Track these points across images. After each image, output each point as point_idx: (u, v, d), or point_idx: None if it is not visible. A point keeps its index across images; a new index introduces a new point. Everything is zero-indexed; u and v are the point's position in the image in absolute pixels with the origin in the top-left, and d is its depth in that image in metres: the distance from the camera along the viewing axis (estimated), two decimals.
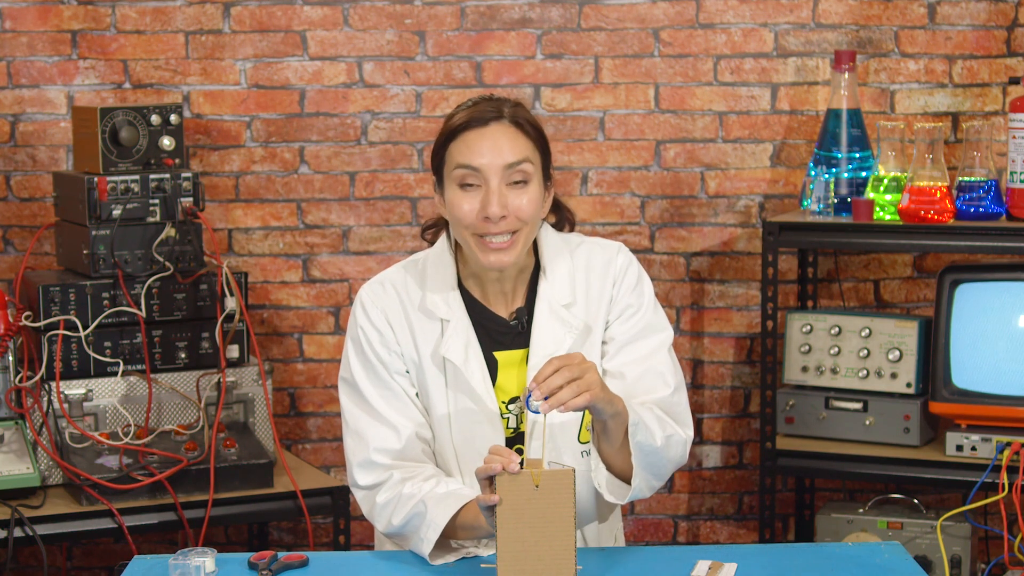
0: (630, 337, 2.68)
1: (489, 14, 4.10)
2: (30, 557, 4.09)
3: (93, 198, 3.62)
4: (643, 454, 2.53)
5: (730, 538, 4.28)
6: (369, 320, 2.66)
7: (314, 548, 3.92)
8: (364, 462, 2.63)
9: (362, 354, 2.66)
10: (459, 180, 2.57)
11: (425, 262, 2.70)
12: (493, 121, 2.57)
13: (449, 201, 2.59)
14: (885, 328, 3.84)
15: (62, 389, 3.57)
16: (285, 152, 4.14)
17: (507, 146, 2.56)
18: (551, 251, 2.69)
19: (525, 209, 2.56)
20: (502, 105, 2.60)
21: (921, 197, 3.70)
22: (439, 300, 2.65)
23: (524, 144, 2.58)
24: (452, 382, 2.65)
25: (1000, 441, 3.66)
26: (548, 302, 2.66)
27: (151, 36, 4.08)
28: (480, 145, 2.55)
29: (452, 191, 2.58)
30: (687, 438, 2.65)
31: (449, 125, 2.60)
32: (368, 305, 2.67)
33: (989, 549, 3.99)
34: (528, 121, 2.60)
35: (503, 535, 2.32)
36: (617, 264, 2.70)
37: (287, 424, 4.21)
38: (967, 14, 4.08)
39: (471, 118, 2.57)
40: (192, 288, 3.68)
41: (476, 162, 2.55)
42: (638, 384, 2.65)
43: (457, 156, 2.57)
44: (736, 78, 4.12)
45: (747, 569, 2.47)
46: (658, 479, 2.61)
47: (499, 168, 2.55)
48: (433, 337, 2.65)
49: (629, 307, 2.69)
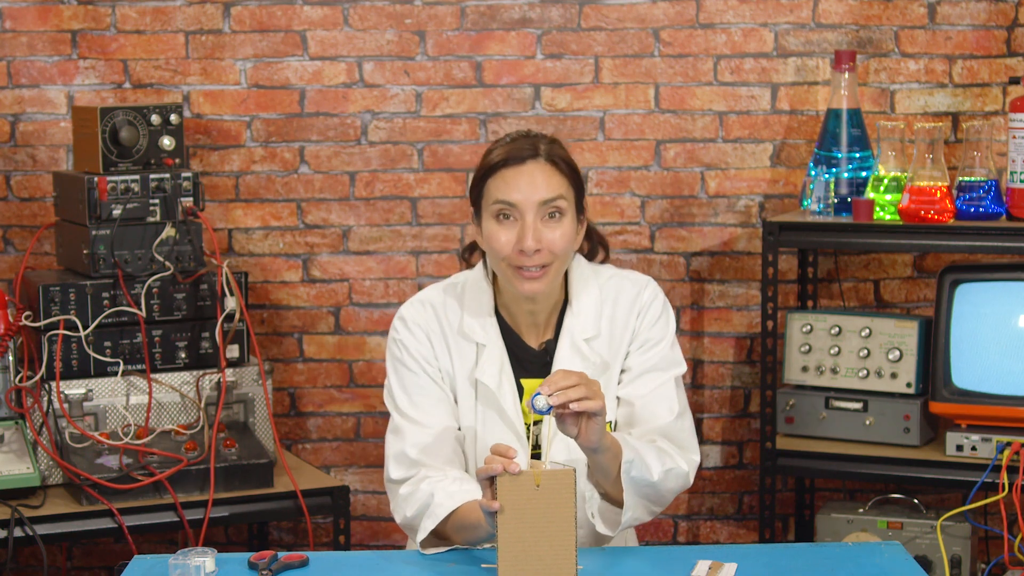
0: (645, 368, 2.79)
1: (489, 14, 4.10)
2: (30, 557, 4.09)
3: (93, 198, 3.62)
4: (638, 487, 2.61)
5: (730, 538, 4.28)
6: (411, 333, 2.79)
7: (314, 548, 3.92)
8: (398, 454, 2.73)
9: (401, 364, 2.79)
10: (496, 213, 2.69)
11: (464, 286, 2.82)
12: (530, 159, 2.69)
13: (487, 233, 2.71)
14: (885, 328, 3.84)
15: (62, 389, 3.57)
16: (285, 152, 4.14)
17: (543, 183, 2.68)
18: (580, 284, 2.80)
19: (558, 243, 2.68)
20: (538, 142, 2.72)
21: (921, 197, 3.70)
22: (476, 325, 2.77)
23: (559, 181, 2.70)
24: (483, 401, 2.77)
25: (1000, 441, 3.66)
26: (571, 336, 2.78)
27: (151, 36, 4.08)
28: (517, 182, 2.67)
29: (489, 224, 2.70)
30: (690, 466, 2.73)
31: (488, 161, 2.72)
32: (409, 322, 2.80)
33: (989, 549, 3.99)
34: (563, 159, 2.72)
35: (504, 535, 2.32)
36: (644, 298, 2.81)
37: (287, 424, 4.21)
38: (967, 14, 4.08)
39: (509, 156, 2.69)
40: (192, 288, 3.68)
41: (513, 198, 2.67)
42: (643, 411, 2.76)
43: (495, 192, 2.69)
44: (736, 78, 4.12)
45: (747, 569, 2.47)
46: (658, 505, 2.70)
47: (535, 204, 2.66)
48: (469, 360, 2.78)
49: (649, 340, 2.80)
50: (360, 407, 4.22)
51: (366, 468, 4.24)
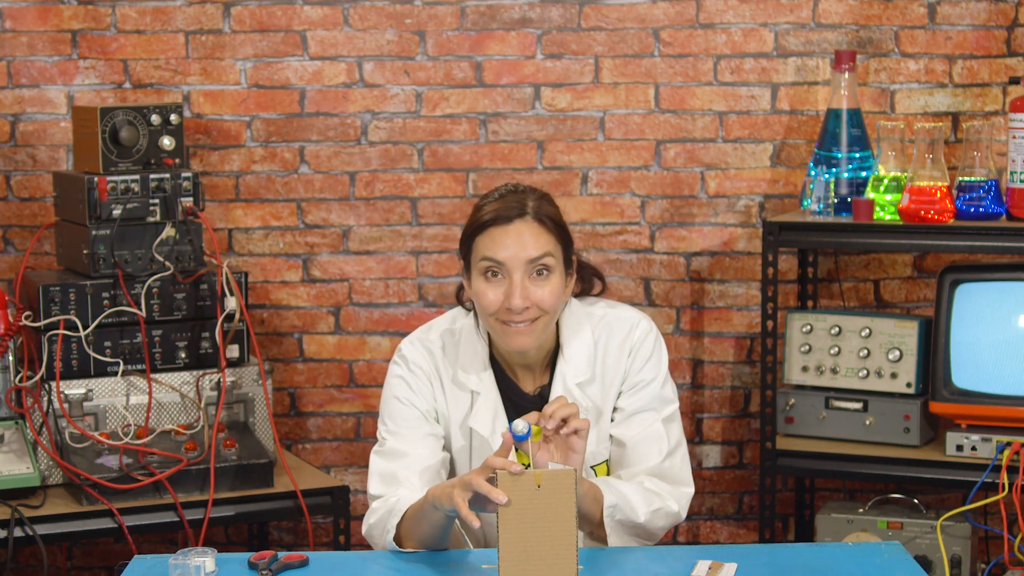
0: (637, 409, 2.82)
1: (489, 14, 4.10)
2: (30, 557, 4.08)
3: (93, 198, 3.62)
4: (625, 528, 2.68)
5: (730, 538, 4.28)
6: (411, 374, 2.83)
7: (314, 548, 3.92)
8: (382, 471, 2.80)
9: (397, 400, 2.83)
10: (484, 271, 2.71)
11: (461, 335, 2.85)
12: (517, 218, 2.71)
13: (475, 290, 2.74)
14: (885, 328, 3.84)
15: (62, 389, 3.56)
16: (285, 152, 4.14)
17: (530, 242, 2.70)
18: (571, 329, 2.83)
19: (547, 300, 2.71)
20: (526, 200, 2.74)
21: (921, 197, 3.70)
22: (472, 376, 2.81)
23: (546, 239, 2.72)
24: (476, 449, 2.81)
25: (1000, 441, 3.66)
26: (564, 381, 2.80)
27: (151, 36, 4.08)
28: (504, 240, 2.70)
29: (478, 281, 2.73)
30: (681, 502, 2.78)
31: (476, 219, 2.74)
32: (410, 360, 2.84)
33: (989, 549, 3.99)
34: (550, 216, 2.74)
35: (505, 535, 2.32)
36: (634, 337, 2.84)
37: (287, 424, 4.21)
38: (967, 14, 4.08)
39: (497, 215, 2.71)
40: (192, 288, 3.68)
41: (500, 256, 2.70)
42: (634, 452, 2.80)
43: (483, 249, 2.71)
44: (736, 78, 4.12)
45: (747, 569, 2.46)
46: (649, 540, 2.76)
47: (522, 262, 2.69)
48: (463, 407, 2.82)
49: (641, 381, 2.83)
50: (360, 407, 4.22)
51: (366, 468, 4.23)
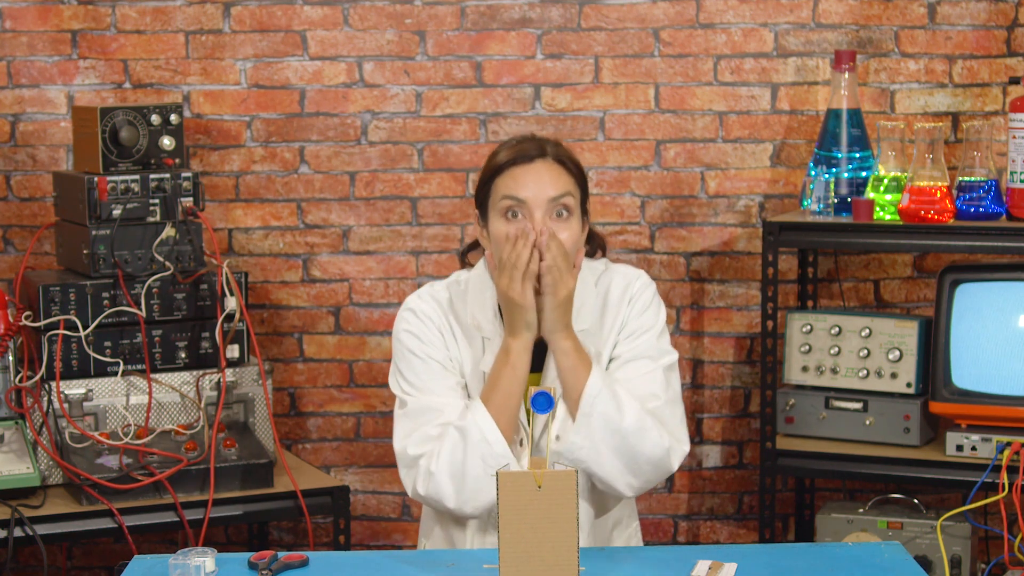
0: (634, 356, 2.79)
1: (489, 14, 4.10)
2: (30, 557, 4.08)
3: (93, 198, 3.62)
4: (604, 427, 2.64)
5: (730, 538, 4.28)
6: (422, 324, 2.80)
7: (314, 548, 3.92)
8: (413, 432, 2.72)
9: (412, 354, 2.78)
10: (505, 210, 2.70)
11: (468, 283, 2.83)
12: (538, 158, 2.72)
13: (494, 232, 2.73)
14: (885, 328, 3.84)
15: (62, 389, 3.57)
16: (285, 152, 4.14)
17: (550, 181, 2.70)
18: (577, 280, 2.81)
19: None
20: (544, 144, 2.75)
21: (921, 197, 3.70)
22: (481, 319, 2.78)
23: (567, 180, 2.73)
24: None
25: (1000, 441, 3.66)
26: None
27: (151, 36, 4.08)
28: (526, 179, 2.70)
29: (497, 222, 2.72)
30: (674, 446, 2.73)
31: (495, 162, 2.74)
32: (418, 312, 2.81)
33: (989, 549, 3.99)
34: (569, 158, 2.76)
35: (505, 536, 2.32)
36: (634, 288, 2.83)
37: (287, 424, 4.21)
38: (967, 14, 4.08)
39: (517, 155, 2.72)
40: (192, 288, 3.68)
41: (522, 195, 2.69)
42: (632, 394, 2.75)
43: (503, 189, 2.71)
44: (736, 78, 4.12)
45: (747, 569, 2.47)
46: (632, 473, 2.69)
47: (544, 201, 2.69)
48: (475, 353, 2.79)
49: (638, 328, 2.80)
50: (360, 407, 4.22)
51: (366, 468, 4.24)
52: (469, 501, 2.67)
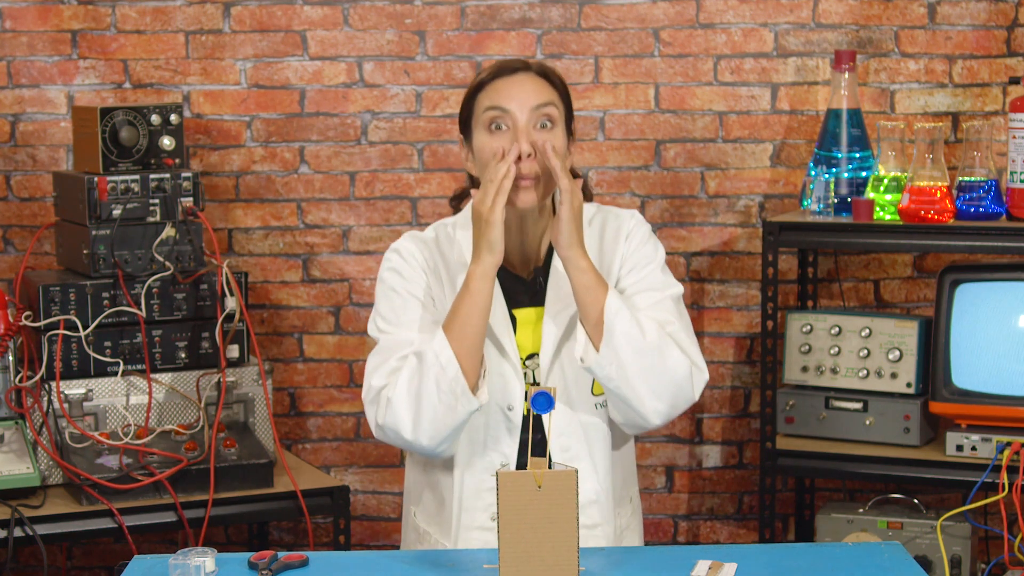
0: (640, 289, 2.75)
1: (489, 14, 4.10)
2: (30, 557, 4.09)
3: (93, 198, 3.62)
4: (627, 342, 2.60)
5: (730, 538, 4.28)
6: (406, 263, 2.76)
7: (314, 548, 3.92)
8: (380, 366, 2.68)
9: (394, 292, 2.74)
10: (488, 122, 2.70)
11: (455, 224, 2.81)
12: (521, 70, 2.74)
13: (478, 146, 2.72)
14: (885, 328, 3.85)
15: (62, 389, 3.57)
16: (285, 152, 4.14)
17: (533, 90, 2.71)
18: None
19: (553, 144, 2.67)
20: (527, 59, 2.78)
21: (921, 197, 3.70)
22: (468, 256, 2.73)
23: (550, 91, 2.74)
24: None
25: (1000, 441, 3.67)
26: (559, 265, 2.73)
27: (151, 36, 4.08)
28: (509, 90, 2.71)
29: (481, 136, 2.72)
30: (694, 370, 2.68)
31: (478, 78, 2.75)
32: (402, 251, 2.77)
33: (989, 549, 3.99)
34: (553, 72, 2.77)
35: (505, 536, 2.32)
36: (630, 225, 2.80)
37: (287, 424, 4.21)
38: (967, 14, 4.08)
39: (500, 68, 2.74)
40: (192, 288, 3.68)
41: (506, 104, 2.69)
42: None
43: (486, 101, 2.71)
44: (736, 78, 4.12)
45: (747, 569, 2.46)
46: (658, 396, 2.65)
47: (528, 109, 2.69)
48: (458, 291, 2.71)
49: (640, 261, 2.77)
50: (360, 407, 4.22)
51: (366, 468, 4.24)
52: (425, 431, 2.62)
